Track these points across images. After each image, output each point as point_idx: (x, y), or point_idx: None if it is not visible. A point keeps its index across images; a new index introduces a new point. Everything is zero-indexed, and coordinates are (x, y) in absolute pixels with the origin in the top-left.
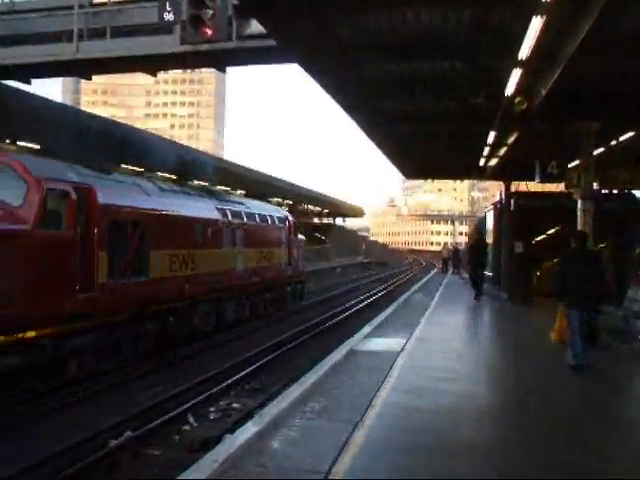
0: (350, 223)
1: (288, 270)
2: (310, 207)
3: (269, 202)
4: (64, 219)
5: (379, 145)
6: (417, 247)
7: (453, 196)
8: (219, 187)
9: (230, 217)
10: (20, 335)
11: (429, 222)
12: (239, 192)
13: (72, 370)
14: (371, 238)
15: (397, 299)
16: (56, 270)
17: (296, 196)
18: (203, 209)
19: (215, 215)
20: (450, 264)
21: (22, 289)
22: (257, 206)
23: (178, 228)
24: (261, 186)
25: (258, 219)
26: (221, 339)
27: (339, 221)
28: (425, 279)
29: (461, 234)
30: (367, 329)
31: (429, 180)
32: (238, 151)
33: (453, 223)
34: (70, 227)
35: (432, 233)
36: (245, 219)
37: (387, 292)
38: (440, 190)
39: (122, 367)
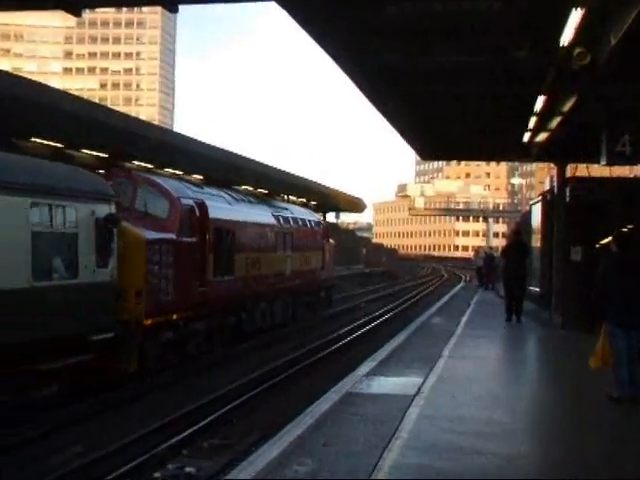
0: (346, 220)
1: (322, 274)
2: (291, 197)
3: (236, 190)
4: (192, 229)
5: (388, 115)
6: (437, 252)
7: (486, 183)
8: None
9: (282, 223)
10: (172, 316)
11: (453, 219)
12: (195, 176)
13: (192, 347)
14: (375, 240)
15: (410, 324)
16: (188, 269)
17: (268, 181)
18: (264, 216)
19: (272, 221)
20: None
21: (171, 283)
22: (299, 211)
23: (252, 234)
24: (222, 167)
25: (301, 224)
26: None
27: (330, 217)
28: (448, 296)
29: (497, 235)
30: (368, 366)
31: (453, 162)
32: (199, 124)
33: (486, 220)
34: (195, 235)
35: (457, 234)
36: (292, 224)
37: (395, 314)
38: (468, 176)
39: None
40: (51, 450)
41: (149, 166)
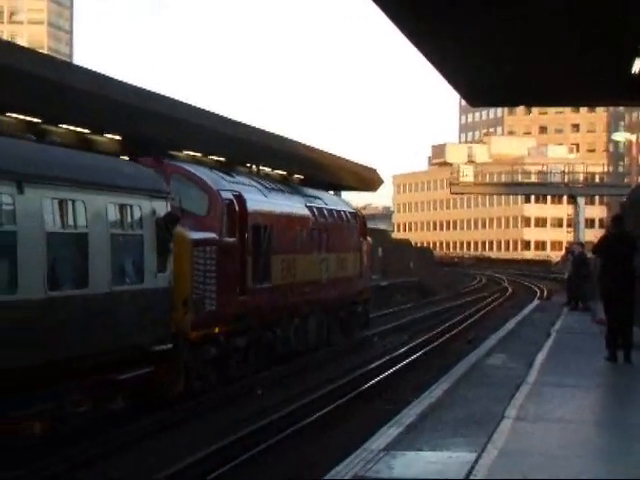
0: (354, 201)
1: (359, 284)
2: (266, 169)
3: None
4: (232, 227)
5: (422, 41)
6: (496, 253)
7: (572, 142)
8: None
9: (317, 216)
10: (214, 330)
11: (521, 199)
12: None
13: (233, 367)
14: (396, 234)
15: (454, 366)
16: (229, 274)
17: (231, 142)
18: (299, 208)
19: (307, 214)
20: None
21: (214, 291)
22: (331, 199)
23: (288, 231)
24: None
25: (336, 216)
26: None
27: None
28: (514, 321)
29: (592, 224)
30: (390, 432)
31: (519, 109)
32: (113, 56)
33: (574, 201)
34: (235, 234)
35: (528, 223)
36: (327, 217)
37: (429, 352)
38: (544, 130)
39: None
40: None
41: None
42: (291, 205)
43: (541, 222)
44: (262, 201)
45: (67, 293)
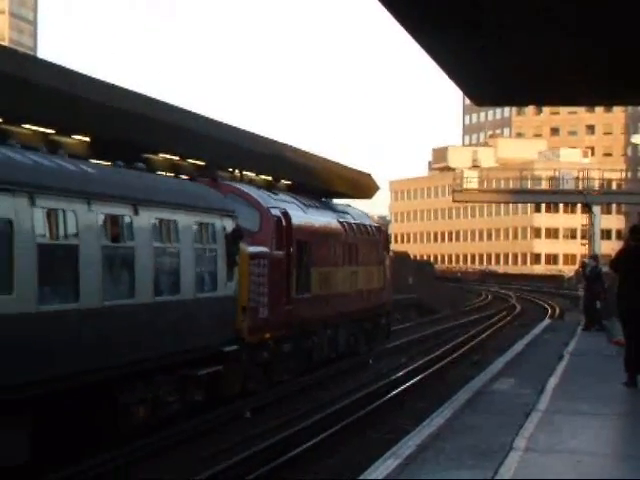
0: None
1: (383, 296)
2: (250, 174)
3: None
4: (280, 242)
5: (421, 34)
6: (503, 267)
7: (587, 145)
8: None
9: (348, 230)
10: (265, 335)
11: (530, 207)
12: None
13: (279, 371)
14: (392, 245)
15: (457, 393)
16: (278, 285)
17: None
18: (332, 223)
19: (339, 229)
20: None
21: (266, 300)
22: (357, 214)
23: (324, 245)
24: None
25: (363, 230)
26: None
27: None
28: (523, 342)
29: (608, 236)
30: (387, 465)
31: (528, 109)
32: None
33: (589, 210)
34: (282, 248)
35: (538, 234)
36: (356, 232)
37: (428, 376)
38: (556, 132)
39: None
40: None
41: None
42: (326, 220)
43: (552, 233)
44: (303, 217)
45: (166, 299)
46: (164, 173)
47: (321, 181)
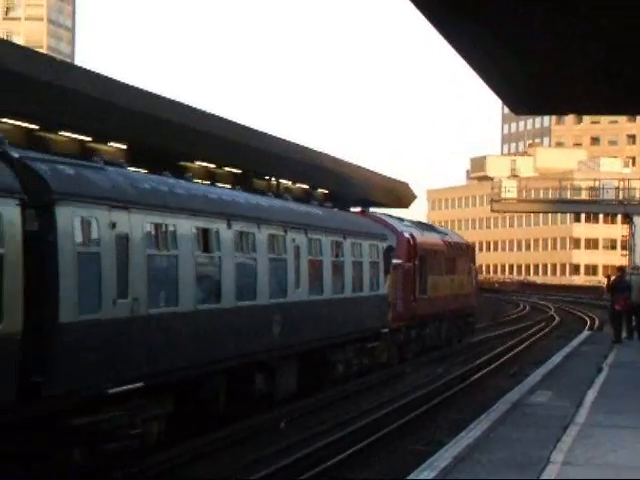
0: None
1: (470, 299)
2: (286, 182)
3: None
4: (409, 256)
5: (457, 36)
6: (541, 278)
7: (629, 155)
8: None
9: (448, 247)
10: (400, 324)
11: (570, 217)
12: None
13: (409, 350)
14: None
15: (494, 404)
16: (407, 287)
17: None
18: (439, 242)
19: (443, 247)
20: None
21: (400, 298)
22: (452, 235)
23: (435, 258)
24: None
25: (457, 248)
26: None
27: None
28: (561, 355)
29: None
30: (423, 477)
31: (568, 118)
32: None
33: (629, 220)
34: (410, 261)
35: (577, 244)
36: (453, 248)
37: (464, 388)
38: (596, 142)
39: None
40: None
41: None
42: (435, 239)
43: (592, 244)
44: (421, 237)
45: (355, 295)
46: (331, 207)
47: (358, 190)
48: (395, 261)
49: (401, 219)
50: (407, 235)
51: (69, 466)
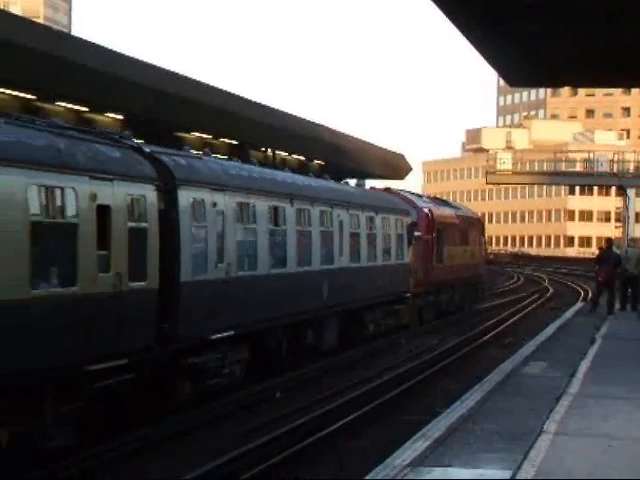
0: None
1: (480, 268)
2: (282, 153)
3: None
4: (427, 229)
5: (453, 6)
6: (535, 249)
7: (623, 127)
8: None
9: (462, 221)
10: (419, 289)
11: (564, 190)
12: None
13: (427, 314)
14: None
15: (487, 375)
16: (425, 257)
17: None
18: (453, 216)
19: (457, 220)
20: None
21: (419, 265)
22: (465, 210)
23: (450, 231)
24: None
25: (469, 222)
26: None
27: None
28: (554, 326)
29: None
30: (416, 447)
31: (563, 90)
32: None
33: (624, 192)
34: (428, 233)
35: (572, 216)
36: (466, 222)
37: (459, 358)
38: (591, 114)
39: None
40: None
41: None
42: (449, 213)
43: (586, 216)
44: (437, 212)
45: (384, 263)
46: (359, 187)
47: (354, 161)
48: (416, 233)
49: (420, 195)
50: (426, 210)
51: (182, 397)
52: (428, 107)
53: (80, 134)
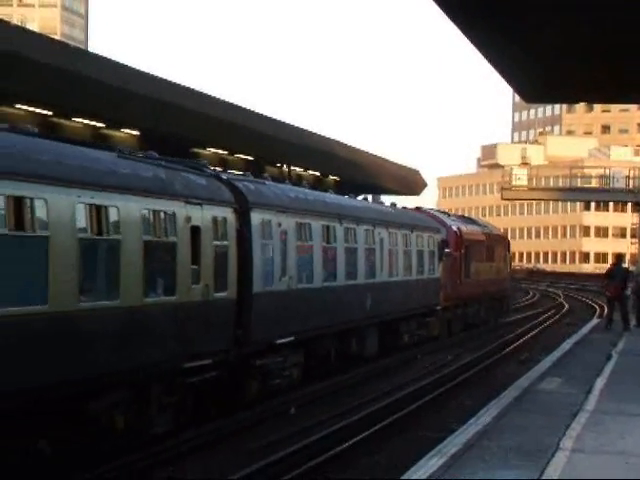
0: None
1: (505, 283)
2: (297, 169)
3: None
4: (456, 246)
5: (469, 24)
6: (550, 265)
7: (637, 144)
8: None
9: (488, 239)
10: (447, 303)
11: (579, 206)
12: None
13: (455, 327)
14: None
15: (503, 391)
16: (454, 272)
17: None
18: (480, 234)
19: (484, 238)
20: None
21: (449, 281)
22: (491, 228)
23: (477, 248)
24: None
25: (495, 239)
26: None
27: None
28: (570, 342)
29: None
30: (431, 463)
31: (579, 106)
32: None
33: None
34: (457, 250)
35: (587, 232)
36: (492, 240)
37: (473, 375)
38: (606, 131)
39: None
40: None
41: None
42: (476, 231)
43: (602, 232)
44: (465, 230)
45: (417, 277)
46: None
47: (369, 177)
48: (446, 250)
49: (448, 214)
50: (455, 228)
51: (250, 395)
52: (443, 123)
53: (173, 164)
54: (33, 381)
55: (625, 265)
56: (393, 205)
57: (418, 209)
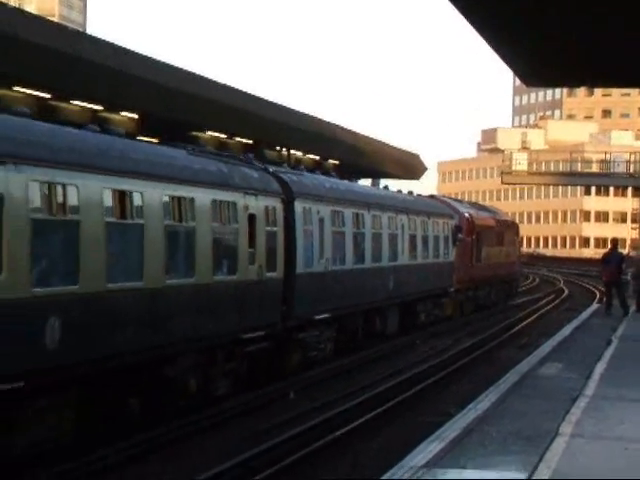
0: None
1: (514, 267)
2: (297, 153)
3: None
4: (468, 231)
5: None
6: (550, 249)
7: (638, 128)
8: None
9: (498, 224)
10: (459, 286)
11: (580, 190)
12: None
13: (468, 308)
14: None
15: (503, 376)
16: (466, 256)
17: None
18: (491, 219)
19: (494, 223)
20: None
21: (460, 265)
22: (501, 213)
23: (488, 233)
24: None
25: (505, 225)
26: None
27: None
28: (570, 327)
29: None
30: (430, 448)
31: (579, 90)
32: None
33: None
34: (469, 235)
35: (587, 217)
36: (502, 225)
37: (474, 359)
38: (607, 115)
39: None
40: None
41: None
42: (487, 217)
43: (602, 217)
44: (476, 216)
45: (433, 261)
46: (401, 193)
47: (369, 161)
48: (459, 235)
49: (460, 201)
50: (467, 215)
51: (292, 364)
52: (443, 107)
53: (229, 159)
54: (130, 348)
55: (621, 250)
56: (410, 193)
57: (432, 197)
